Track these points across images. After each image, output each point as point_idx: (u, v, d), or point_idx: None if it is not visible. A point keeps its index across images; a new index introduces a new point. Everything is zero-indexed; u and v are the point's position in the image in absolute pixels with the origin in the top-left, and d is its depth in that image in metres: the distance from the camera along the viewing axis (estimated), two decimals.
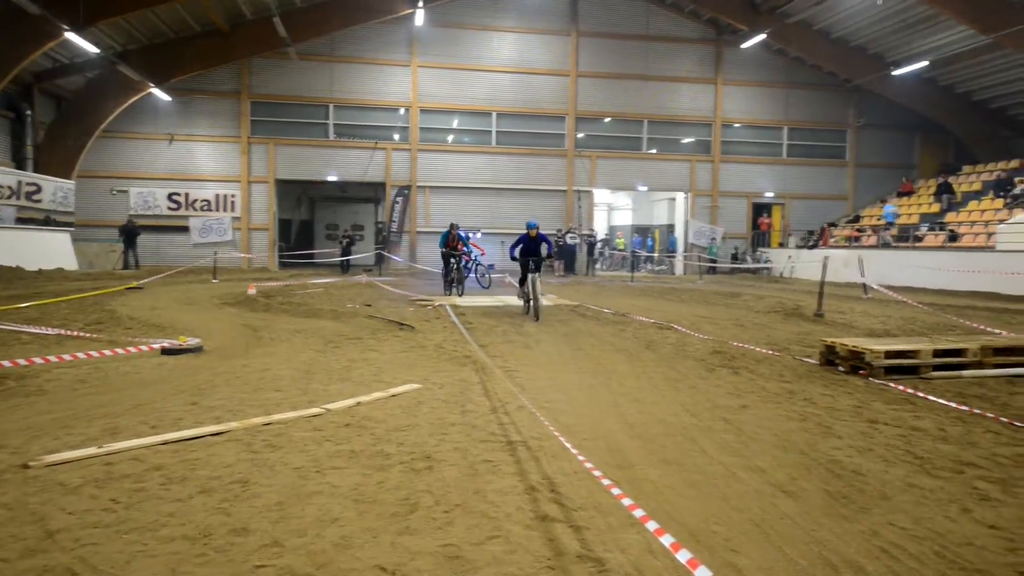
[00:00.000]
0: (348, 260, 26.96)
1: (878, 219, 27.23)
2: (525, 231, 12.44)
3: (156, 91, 24.77)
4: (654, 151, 29.74)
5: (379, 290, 18.15)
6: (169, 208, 26.64)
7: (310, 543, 3.25)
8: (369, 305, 13.97)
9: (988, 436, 5.11)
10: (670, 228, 31.99)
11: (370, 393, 6.19)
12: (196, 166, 26.85)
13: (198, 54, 24.92)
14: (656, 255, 31.35)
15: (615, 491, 3.59)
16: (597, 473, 3.87)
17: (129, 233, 24.32)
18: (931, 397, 6.30)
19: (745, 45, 28.06)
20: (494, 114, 28.44)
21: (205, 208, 26.87)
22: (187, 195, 26.79)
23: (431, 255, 27.63)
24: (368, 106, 27.79)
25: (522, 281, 12.58)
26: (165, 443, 4.64)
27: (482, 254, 19.83)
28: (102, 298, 13.79)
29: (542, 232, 12.91)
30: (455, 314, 12.49)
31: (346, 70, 27.43)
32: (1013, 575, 3.02)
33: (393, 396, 6.15)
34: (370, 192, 30.50)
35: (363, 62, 27.49)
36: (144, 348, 8.21)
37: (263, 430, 5.00)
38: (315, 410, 5.54)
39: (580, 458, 4.18)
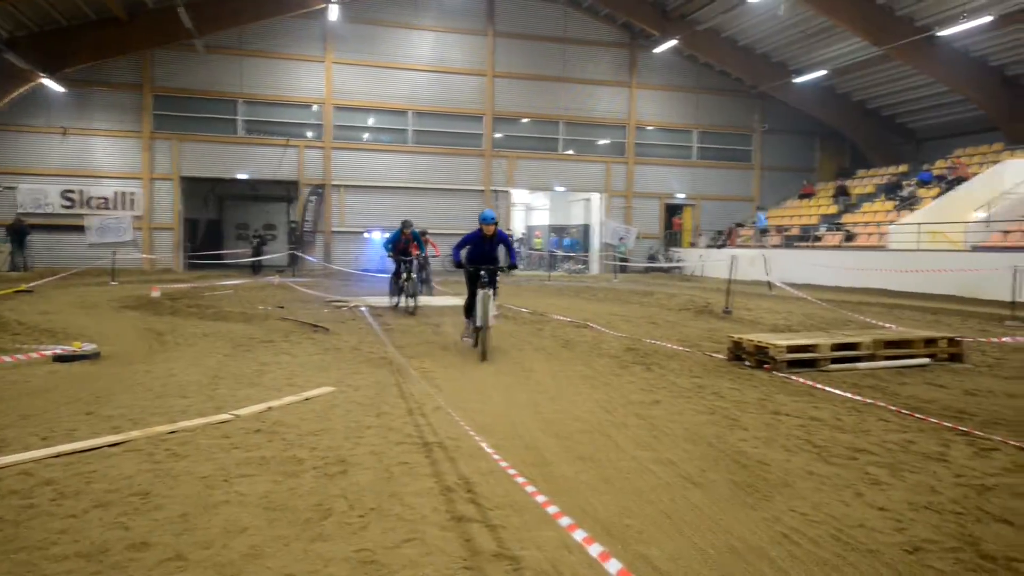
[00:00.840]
0: (259, 261, 26.11)
1: (750, 223, 28.57)
2: (477, 227, 8.65)
3: (48, 81, 23.26)
4: (571, 152, 30.16)
5: (292, 291, 17.67)
6: (63, 206, 25.05)
7: (216, 555, 3.12)
8: (282, 307, 13.58)
9: (879, 424, 5.43)
10: (586, 228, 32.54)
11: (282, 397, 6.01)
12: (93, 162, 25.37)
13: (94, 43, 23.53)
14: (574, 255, 31.83)
15: (530, 489, 3.62)
16: (513, 472, 3.89)
17: (17, 232, 22.77)
18: (829, 388, 6.65)
19: (657, 50, 28.82)
20: (411, 113, 28.17)
21: (103, 206, 25.40)
22: (83, 192, 25.26)
23: (347, 255, 27.17)
24: (280, 102, 26.98)
25: (469, 303, 8.59)
26: (58, 455, 4.36)
27: (436, 255, 18.38)
28: None
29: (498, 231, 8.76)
30: (372, 315, 12.29)
31: (257, 65, 26.54)
32: (900, 552, 3.21)
33: (306, 400, 5.99)
34: (282, 191, 29.63)
35: (275, 57, 26.67)
36: (34, 355, 7.70)
37: (167, 439, 4.78)
38: (223, 416, 5.34)
39: (496, 457, 4.19)
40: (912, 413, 5.72)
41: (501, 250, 8.72)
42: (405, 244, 13.58)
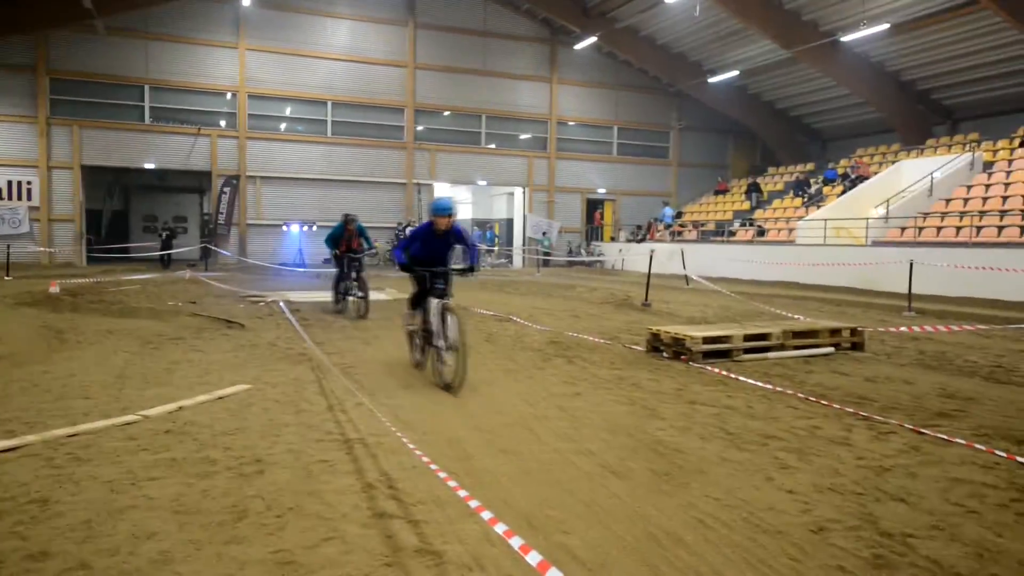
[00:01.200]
0: (169, 255, 25.03)
1: (654, 219, 29.46)
2: (428, 220, 6.89)
3: None
4: (493, 146, 30.21)
5: (205, 286, 17.01)
6: None
7: (123, 562, 2.97)
8: (194, 302, 13.06)
9: (788, 411, 5.68)
10: (509, 222, 32.69)
11: (194, 396, 5.78)
12: None
13: None
14: (496, 248, 31.92)
15: (452, 484, 3.60)
16: (435, 467, 3.86)
17: None
18: (741, 378, 6.91)
19: (578, 47, 29.17)
20: (330, 103, 27.54)
21: None
22: None
23: (263, 249, 26.36)
24: (190, 89, 25.85)
25: (415, 302, 7.02)
26: None
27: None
28: None
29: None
30: (290, 311, 11.98)
31: (164, 49, 25.33)
32: (806, 532, 3.37)
33: (220, 399, 5.78)
34: (194, 181, 28.46)
35: (184, 41, 25.52)
36: None
37: (67, 442, 4.52)
38: (130, 417, 5.09)
39: (418, 453, 4.15)
40: (818, 400, 6.02)
41: (458, 248, 7.05)
42: (349, 240, 12.09)
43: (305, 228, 26.93)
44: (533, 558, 2.63)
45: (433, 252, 6.83)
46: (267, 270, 23.15)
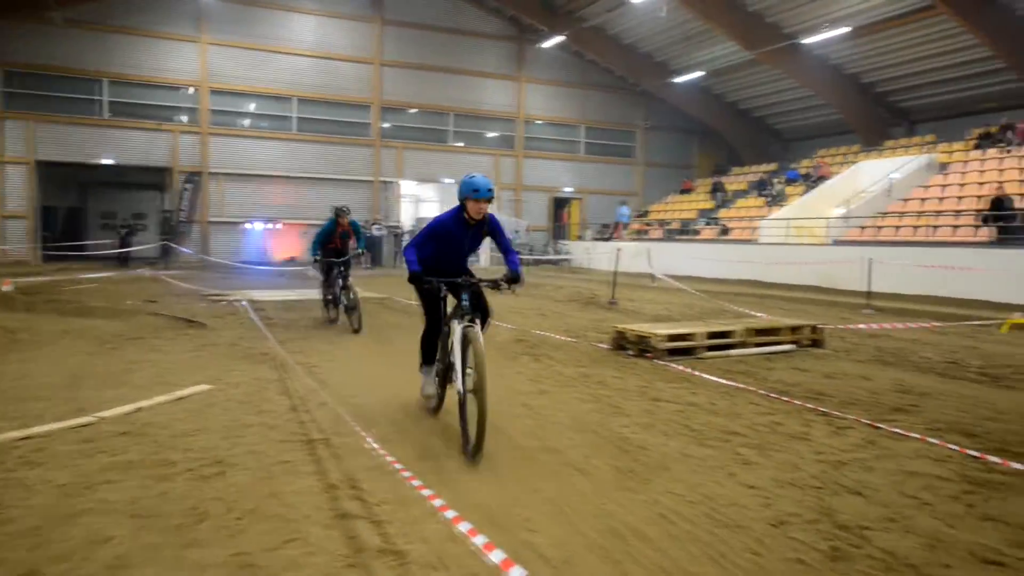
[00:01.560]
0: (127, 253, 24.46)
1: (613, 221, 29.75)
2: (452, 208, 5.01)
3: None
4: (461, 144, 30.13)
5: (165, 285, 16.69)
6: None
7: (76, 568, 2.90)
8: (153, 301, 12.80)
9: (749, 407, 5.77)
10: None
11: (152, 397, 5.66)
12: None
13: None
14: None
15: (416, 483, 3.59)
16: (399, 466, 3.84)
17: None
18: (705, 375, 6.99)
19: (545, 45, 29.23)
20: (295, 99, 27.18)
21: None
22: None
23: (225, 247, 25.92)
24: (150, 83, 25.26)
25: (429, 342, 5.30)
26: None
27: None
28: None
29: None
30: (253, 309, 11.81)
31: (123, 42, 24.71)
32: (766, 527, 3.43)
33: (179, 399, 5.67)
34: (154, 178, 27.79)
35: (144, 34, 24.94)
36: None
37: (18, 445, 4.39)
38: (85, 419, 4.96)
39: (382, 452, 4.13)
40: (779, 396, 6.12)
41: (483, 247, 5.52)
42: (342, 239, 10.30)
43: (270, 226, 26.57)
44: (497, 556, 2.63)
45: (456, 255, 5.00)
46: (229, 268, 22.79)
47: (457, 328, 4.67)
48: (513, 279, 4.86)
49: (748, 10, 24.16)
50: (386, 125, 28.76)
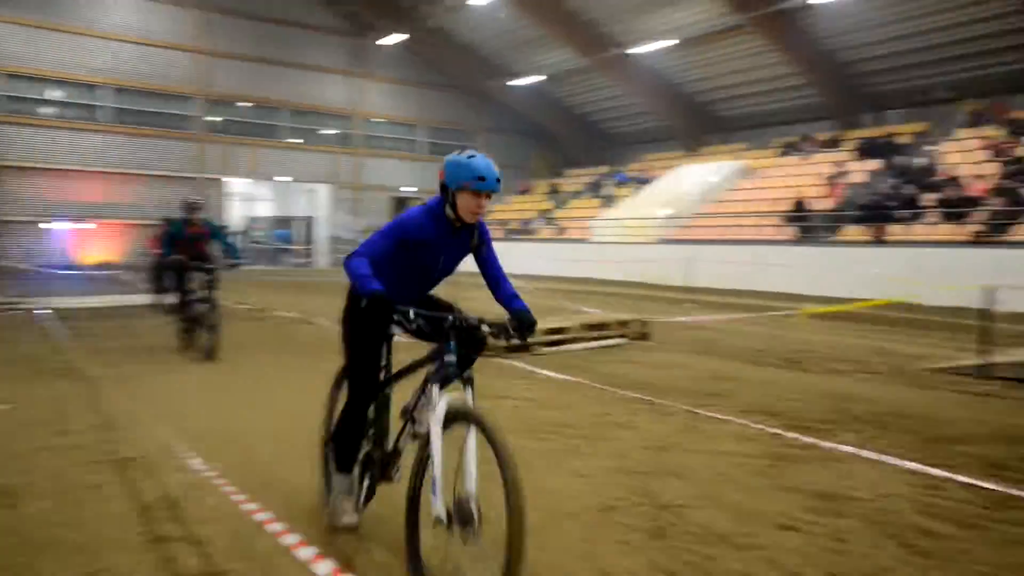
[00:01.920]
0: None
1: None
2: (435, 197, 3.32)
3: None
4: (297, 141, 29.00)
5: None
6: None
7: None
8: None
9: (582, 399, 6.02)
10: (310, 220, 31.51)
11: None
12: None
13: None
14: (293, 247, 30.67)
15: (240, 497, 3.39)
16: (222, 480, 3.62)
17: None
18: (542, 371, 7.21)
19: (384, 42, 28.77)
20: (108, 87, 24.87)
21: None
22: None
23: (22, 249, 23.12)
24: None
25: (360, 399, 3.33)
26: None
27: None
28: None
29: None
30: (58, 318, 10.66)
31: None
32: (596, 513, 3.58)
33: None
34: None
35: None
36: None
37: None
38: None
39: (203, 467, 3.87)
40: (609, 388, 6.43)
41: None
42: (195, 243, 7.98)
43: (78, 226, 24.12)
44: (326, 566, 2.54)
45: (425, 275, 3.37)
46: (27, 273, 20.43)
47: (440, 403, 2.79)
48: (527, 325, 3.11)
49: (583, 19, 25.22)
50: (215, 119, 27.07)
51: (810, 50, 22.54)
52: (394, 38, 27.95)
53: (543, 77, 29.06)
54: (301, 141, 29.05)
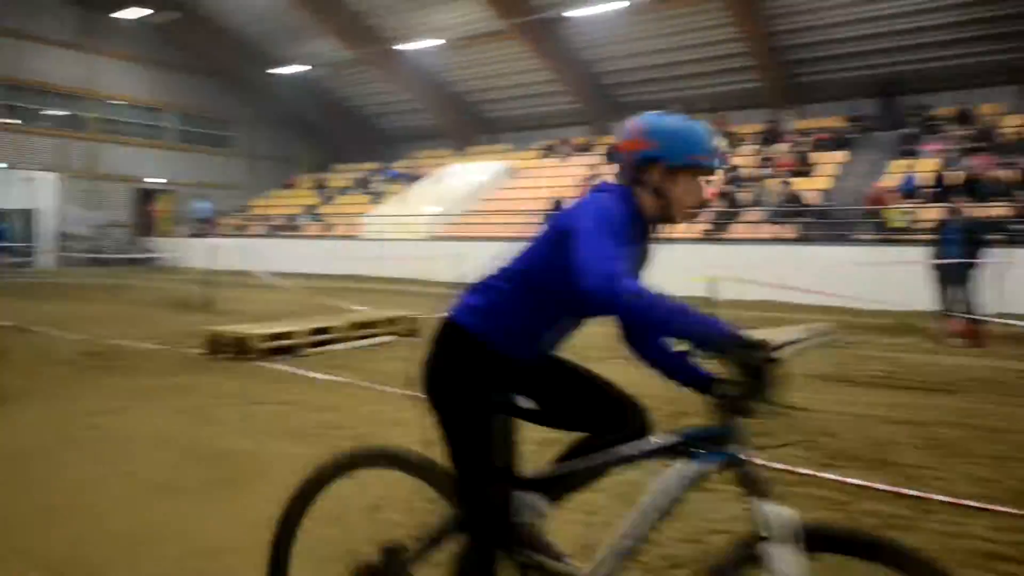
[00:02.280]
0: None
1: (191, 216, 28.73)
2: (607, 184, 2.16)
3: None
4: (17, 121, 24.99)
5: None
6: None
7: None
8: None
9: (350, 399, 5.92)
10: (29, 214, 27.27)
11: None
12: None
13: None
14: (7, 245, 26.39)
15: None
16: None
17: None
18: (307, 372, 6.95)
19: (121, 15, 25.66)
20: None
21: None
22: None
23: None
24: None
25: None
26: None
27: None
28: None
29: None
30: None
31: None
32: (362, 514, 3.50)
33: None
34: None
35: None
36: None
37: None
38: None
39: None
40: (378, 386, 6.37)
41: None
42: None
43: None
44: None
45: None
46: None
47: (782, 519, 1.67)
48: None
49: (350, 9, 24.64)
50: None
51: (567, 58, 24.15)
52: (134, 12, 25.06)
53: (308, 67, 27.84)
54: (19, 122, 25.08)
